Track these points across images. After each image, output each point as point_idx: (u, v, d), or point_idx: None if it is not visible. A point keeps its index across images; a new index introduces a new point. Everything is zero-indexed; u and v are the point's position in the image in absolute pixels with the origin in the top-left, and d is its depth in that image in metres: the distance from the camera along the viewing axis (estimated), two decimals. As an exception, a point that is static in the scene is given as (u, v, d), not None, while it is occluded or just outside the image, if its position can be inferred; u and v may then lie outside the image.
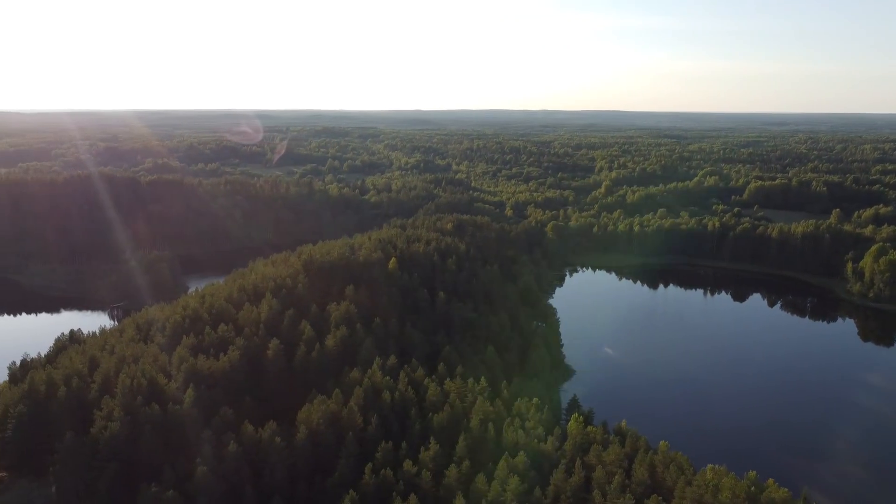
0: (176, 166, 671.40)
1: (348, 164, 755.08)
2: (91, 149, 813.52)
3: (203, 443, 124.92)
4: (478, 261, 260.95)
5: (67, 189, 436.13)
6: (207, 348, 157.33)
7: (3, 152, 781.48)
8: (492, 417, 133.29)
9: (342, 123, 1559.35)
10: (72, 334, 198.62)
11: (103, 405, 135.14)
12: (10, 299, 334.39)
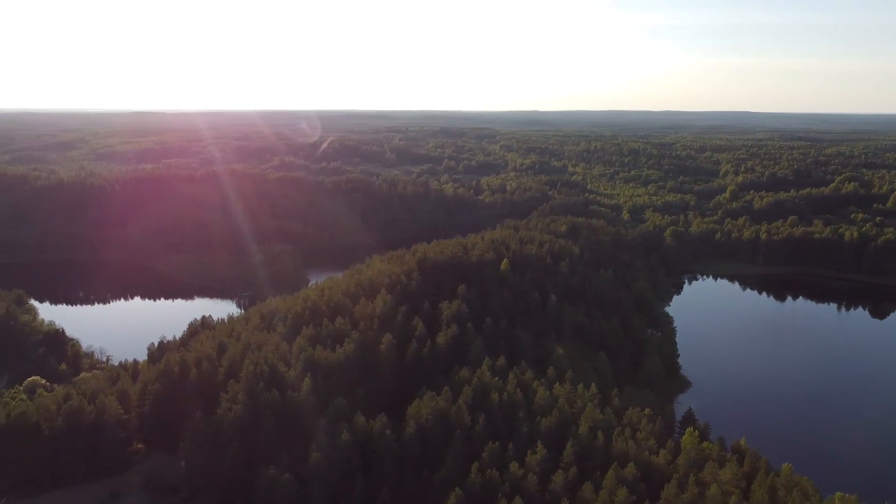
0: (301, 164, 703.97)
1: (464, 165, 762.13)
2: (224, 147, 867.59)
3: (318, 431, 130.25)
4: (591, 264, 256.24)
5: (203, 184, 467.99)
6: (325, 339, 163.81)
7: (149, 150, 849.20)
8: (601, 425, 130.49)
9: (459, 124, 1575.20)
10: (203, 320, 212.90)
11: (229, 388, 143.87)
12: (151, 286, 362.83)
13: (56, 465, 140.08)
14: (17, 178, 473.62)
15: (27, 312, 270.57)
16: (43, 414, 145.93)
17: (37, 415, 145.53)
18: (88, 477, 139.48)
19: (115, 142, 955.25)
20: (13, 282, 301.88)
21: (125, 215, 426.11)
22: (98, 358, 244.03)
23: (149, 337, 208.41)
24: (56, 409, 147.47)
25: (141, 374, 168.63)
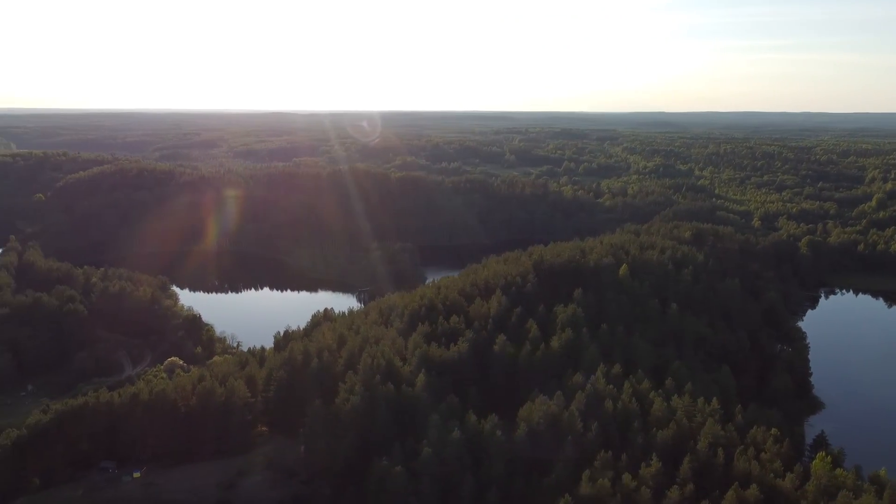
0: (422, 164, 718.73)
1: (584, 167, 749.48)
2: (349, 146, 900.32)
3: (430, 426, 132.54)
4: (716, 273, 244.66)
5: (329, 182, 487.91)
6: (440, 337, 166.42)
7: (281, 148, 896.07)
8: (722, 442, 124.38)
9: (580, 125, 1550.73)
10: (325, 312, 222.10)
11: (347, 379, 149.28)
12: (279, 277, 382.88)
13: (189, 441, 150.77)
14: (165, 173, 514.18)
15: (169, 298, 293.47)
16: (180, 393, 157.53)
17: (174, 393, 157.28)
18: (217, 454, 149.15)
19: (251, 140, 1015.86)
20: (158, 269, 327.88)
21: (257, 210, 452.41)
22: (229, 343, 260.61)
23: (275, 325, 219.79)
24: (191, 389, 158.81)
25: (267, 361, 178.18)
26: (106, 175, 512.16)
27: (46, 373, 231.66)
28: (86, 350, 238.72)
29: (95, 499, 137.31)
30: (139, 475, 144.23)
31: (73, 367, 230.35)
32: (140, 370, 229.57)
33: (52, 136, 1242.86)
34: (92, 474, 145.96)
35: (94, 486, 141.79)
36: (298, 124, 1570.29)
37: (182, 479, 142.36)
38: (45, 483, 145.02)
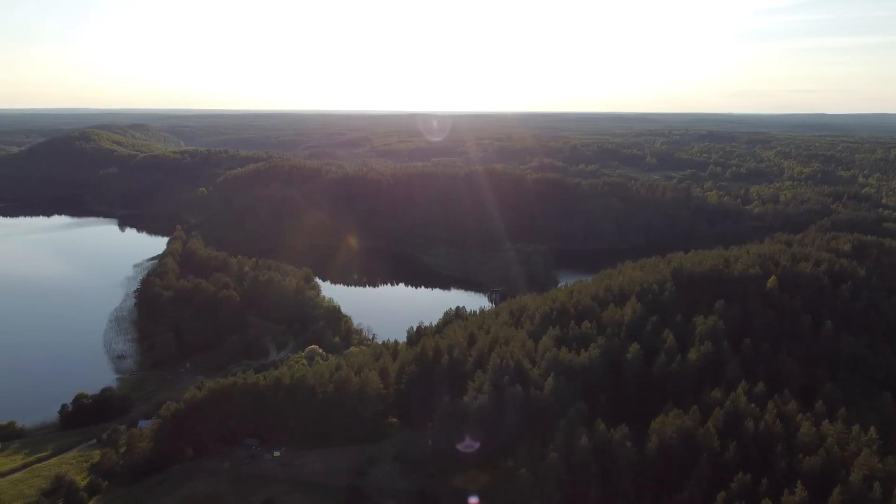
0: (559, 166, 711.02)
1: (731, 171, 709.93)
2: (486, 148, 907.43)
3: (557, 431, 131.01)
4: (881, 291, 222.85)
5: (465, 183, 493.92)
6: (570, 341, 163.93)
7: (420, 148, 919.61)
8: (879, 475, 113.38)
9: (728, 127, 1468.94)
10: (457, 311, 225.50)
11: (476, 378, 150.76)
12: (414, 274, 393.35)
13: (325, 426, 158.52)
14: (312, 170, 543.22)
15: (313, 289, 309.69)
16: (318, 379, 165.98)
17: (313, 379, 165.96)
18: (350, 441, 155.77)
19: (392, 140, 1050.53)
20: (303, 261, 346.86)
21: (396, 207, 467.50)
22: (365, 335, 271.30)
23: (408, 320, 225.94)
24: (329, 376, 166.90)
25: (400, 355, 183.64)
26: (260, 172, 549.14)
27: (202, 352, 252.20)
28: (237, 334, 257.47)
29: (239, 472, 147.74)
30: (279, 454, 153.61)
31: (225, 349, 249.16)
32: (283, 355, 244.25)
33: (214, 134, 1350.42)
34: (237, 450, 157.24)
35: (239, 461, 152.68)
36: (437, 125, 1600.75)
37: (317, 461, 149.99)
38: (197, 454, 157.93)
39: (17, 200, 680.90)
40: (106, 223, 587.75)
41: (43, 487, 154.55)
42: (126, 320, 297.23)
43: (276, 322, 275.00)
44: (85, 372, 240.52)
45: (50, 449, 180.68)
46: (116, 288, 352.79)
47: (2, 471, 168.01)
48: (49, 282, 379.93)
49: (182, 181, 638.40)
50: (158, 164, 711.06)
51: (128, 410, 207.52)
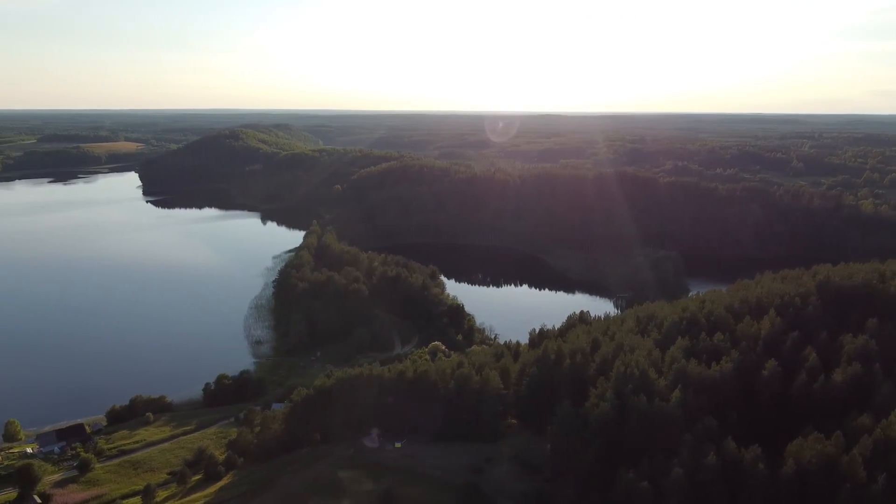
0: (694, 169, 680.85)
1: (890, 178, 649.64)
2: (618, 150, 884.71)
3: (683, 446, 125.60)
4: None
5: (594, 185, 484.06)
6: (700, 353, 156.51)
7: (548, 150, 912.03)
8: None
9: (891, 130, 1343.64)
10: (581, 315, 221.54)
11: (598, 385, 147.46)
12: (537, 276, 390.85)
13: (445, 423, 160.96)
14: (442, 170, 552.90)
15: (437, 286, 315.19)
16: (440, 376, 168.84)
17: (435, 375, 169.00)
18: (468, 438, 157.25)
19: (521, 141, 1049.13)
20: (430, 259, 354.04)
21: (522, 209, 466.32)
22: (487, 334, 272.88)
23: (531, 322, 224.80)
24: (450, 373, 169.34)
25: (521, 356, 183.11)
26: (392, 170, 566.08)
27: (332, 342, 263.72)
28: (365, 326, 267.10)
29: (362, 460, 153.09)
30: (400, 446, 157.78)
31: (353, 340, 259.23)
32: (407, 350, 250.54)
33: (350, 134, 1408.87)
34: (361, 438, 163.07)
35: (362, 449, 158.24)
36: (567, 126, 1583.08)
37: (436, 455, 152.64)
38: (324, 439, 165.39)
39: (173, 193, 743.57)
40: (249, 216, 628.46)
41: (186, 458, 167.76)
42: (265, 308, 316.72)
43: (402, 317, 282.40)
44: (226, 354, 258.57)
45: (194, 423, 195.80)
46: (257, 277, 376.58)
47: (152, 440, 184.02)
48: (198, 269, 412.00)
49: (319, 178, 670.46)
50: (298, 162, 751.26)
51: (263, 393, 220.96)
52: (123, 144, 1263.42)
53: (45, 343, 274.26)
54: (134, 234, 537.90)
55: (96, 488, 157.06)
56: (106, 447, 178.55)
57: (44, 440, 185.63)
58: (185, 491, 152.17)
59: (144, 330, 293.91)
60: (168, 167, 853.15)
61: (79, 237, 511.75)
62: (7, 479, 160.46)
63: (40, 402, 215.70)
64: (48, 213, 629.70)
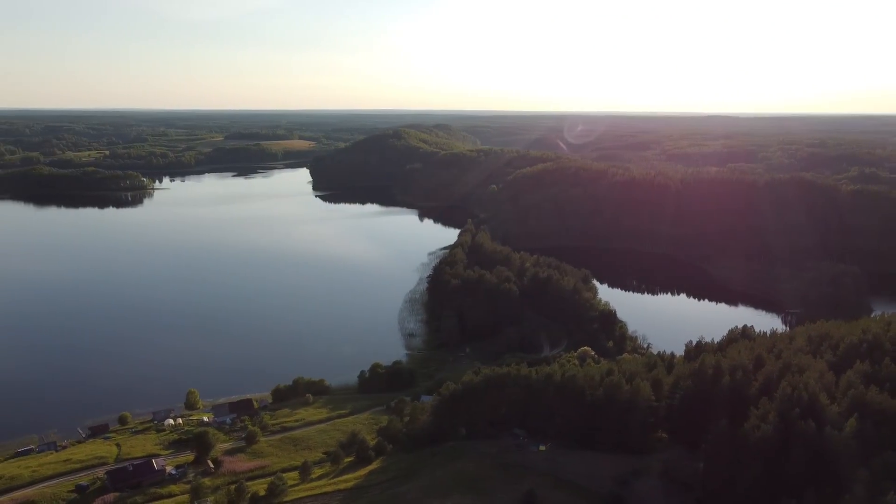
0: (884, 177, 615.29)
1: None
2: (794, 154, 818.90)
3: (857, 482, 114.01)
4: None
5: (765, 191, 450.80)
6: (883, 381, 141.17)
7: (716, 153, 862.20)
8: None
9: None
10: (744, 329, 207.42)
11: (760, 405, 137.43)
12: (698, 285, 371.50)
13: (591, 429, 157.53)
14: (599, 172, 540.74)
15: (589, 290, 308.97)
16: (588, 381, 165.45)
17: (583, 381, 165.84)
18: (615, 448, 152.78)
19: (685, 144, 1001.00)
20: (582, 262, 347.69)
21: (683, 215, 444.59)
22: (640, 343, 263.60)
23: (687, 333, 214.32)
24: (599, 380, 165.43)
25: (675, 368, 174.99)
26: (548, 172, 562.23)
27: (481, 339, 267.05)
28: (514, 326, 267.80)
29: (505, 459, 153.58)
30: (544, 449, 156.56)
31: (502, 339, 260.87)
32: (555, 353, 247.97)
33: (508, 135, 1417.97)
34: (505, 437, 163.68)
35: (506, 448, 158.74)
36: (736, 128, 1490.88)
37: (580, 462, 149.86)
38: (469, 434, 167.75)
39: (339, 188, 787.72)
40: (408, 213, 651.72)
41: (340, 440, 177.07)
42: (418, 302, 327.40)
43: (551, 319, 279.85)
44: (380, 344, 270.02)
45: (348, 408, 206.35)
46: (412, 272, 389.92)
47: (311, 420, 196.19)
48: (358, 261, 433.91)
49: (476, 178, 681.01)
50: (456, 162, 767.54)
51: (413, 384, 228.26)
52: (297, 143, 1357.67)
53: (222, 324, 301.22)
54: (302, 226, 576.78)
55: (260, 459, 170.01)
56: (270, 422, 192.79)
57: (218, 411, 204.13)
58: (337, 471, 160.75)
59: (307, 316, 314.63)
60: (336, 164, 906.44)
61: (254, 227, 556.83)
62: (186, 444, 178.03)
63: (216, 377, 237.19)
64: (230, 205, 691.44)
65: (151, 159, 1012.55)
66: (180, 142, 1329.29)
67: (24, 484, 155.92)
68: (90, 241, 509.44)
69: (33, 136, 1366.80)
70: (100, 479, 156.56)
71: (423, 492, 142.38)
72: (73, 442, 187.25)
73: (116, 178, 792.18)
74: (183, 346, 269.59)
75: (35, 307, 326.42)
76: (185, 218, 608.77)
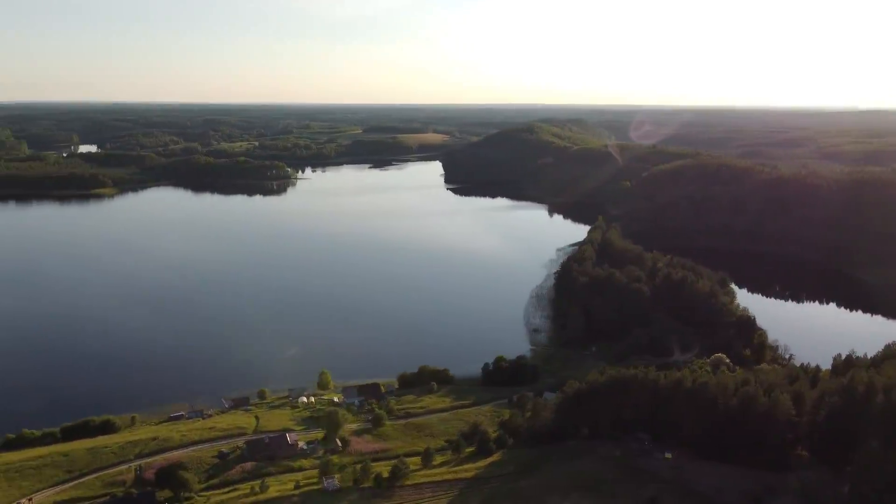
0: None
1: None
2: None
3: None
4: None
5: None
6: None
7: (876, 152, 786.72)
8: None
9: None
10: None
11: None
12: (850, 295, 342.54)
13: (722, 441, 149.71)
14: (742, 170, 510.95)
15: (726, 295, 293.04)
16: (721, 390, 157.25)
17: (716, 389, 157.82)
18: (748, 462, 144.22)
19: (842, 141, 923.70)
20: (720, 264, 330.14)
21: (837, 218, 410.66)
22: (780, 353, 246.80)
23: (835, 346, 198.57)
24: (733, 389, 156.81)
25: (820, 383, 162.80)
26: (687, 168, 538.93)
27: (607, 339, 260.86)
28: (642, 327, 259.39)
29: (628, 463, 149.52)
30: (670, 456, 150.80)
31: (629, 340, 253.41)
32: (686, 358, 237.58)
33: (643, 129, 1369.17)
34: (629, 440, 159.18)
35: (629, 452, 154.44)
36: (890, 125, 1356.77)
37: (709, 474, 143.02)
38: (591, 434, 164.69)
39: (470, 182, 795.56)
40: (537, 208, 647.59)
41: (462, 430, 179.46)
42: (544, 298, 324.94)
43: (683, 322, 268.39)
44: (504, 338, 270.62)
45: (471, 399, 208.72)
46: (540, 267, 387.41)
47: (434, 408, 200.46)
48: (485, 254, 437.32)
49: (609, 174, 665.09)
50: (589, 157, 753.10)
51: (536, 380, 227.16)
52: (431, 136, 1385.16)
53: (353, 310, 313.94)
54: (432, 218, 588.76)
55: (384, 442, 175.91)
56: (395, 407, 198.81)
57: (347, 393, 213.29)
58: (458, 460, 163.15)
59: (434, 306, 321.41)
60: (468, 158, 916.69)
61: (386, 218, 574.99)
62: (317, 421, 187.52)
63: (347, 361, 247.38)
64: (365, 195, 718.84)
65: (295, 150, 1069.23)
66: (322, 134, 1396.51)
67: (175, 446, 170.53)
68: (239, 227, 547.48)
69: (194, 128, 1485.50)
70: (239, 448, 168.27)
71: (542, 489, 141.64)
72: (218, 411, 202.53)
73: (264, 167, 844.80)
74: (317, 329, 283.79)
75: (189, 286, 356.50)
76: (324, 207, 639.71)
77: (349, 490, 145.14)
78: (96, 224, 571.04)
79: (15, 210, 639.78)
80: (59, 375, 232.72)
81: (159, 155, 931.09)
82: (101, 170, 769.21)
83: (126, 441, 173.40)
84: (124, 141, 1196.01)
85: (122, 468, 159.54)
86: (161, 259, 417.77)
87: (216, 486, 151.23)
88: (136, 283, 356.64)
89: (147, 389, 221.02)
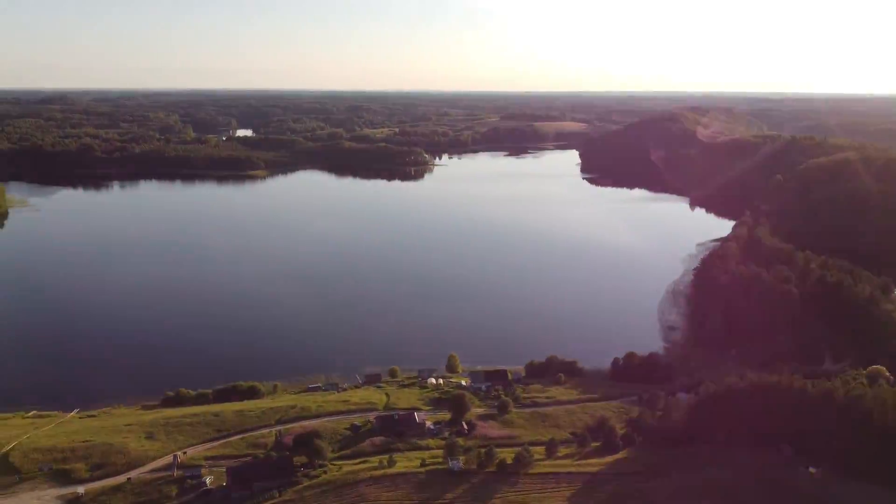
0: None
1: None
2: None
3: None
4: None
5: None
6: None
7: None
8: None
9: None
10: None
11: None
12: None
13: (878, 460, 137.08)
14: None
15: (890, 302, 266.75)
16: (878, 405, 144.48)
17: (872, 403, 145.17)
18: None
19: None
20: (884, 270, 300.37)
21: None
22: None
23: None
24: (893, 404, 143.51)
25: None
26: (848, 163, 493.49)
27: (749, 342, 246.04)
28: (789, 332, 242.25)
29: (768, 475, 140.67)
30: (814, 472, 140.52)
31: (774, 346, 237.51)
32: (839, 368, 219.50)
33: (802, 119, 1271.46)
34: (768, 452, 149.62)
35: (770, 464, 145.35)
36: None
37: (861, 494, 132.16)
38: (728, 441, 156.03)
39: (608, 172, 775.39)
40: (678, 201, 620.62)
41: (588, 423, 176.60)
42: (681, 295, 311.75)
43: (837, 330, 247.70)
44: (636, 333, 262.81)
45: (599, 393, 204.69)
46: (677, 263, 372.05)
47: (560, 399, 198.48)
48: (619, 246, 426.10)
49: (758, 166, 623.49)
50: (736, 148, 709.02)
51: (669, 379, 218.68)
52: (569, 124, 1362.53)
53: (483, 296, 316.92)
54: (566, 207, 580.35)
55: (509, 429, 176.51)
56: (522, 395, 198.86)
57: (474, 377, 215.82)
58: (582, 454, 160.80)
59: (564, 296, 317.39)
60: (606, 147, 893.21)
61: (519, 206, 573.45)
62: (444, 403, 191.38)
63: (475, 345, 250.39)
64: (499, 182, 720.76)
65: (434, 137, 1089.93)
66: (460, 121, 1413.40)
67: (312, 415, 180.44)
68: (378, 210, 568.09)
69: (339, 114, 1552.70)
70: (370, 423, 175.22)
71: (671, 493, 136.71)
72: (352, 386, 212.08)
73: (403, 153, 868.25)
74: (448, 313, 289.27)
75: (333, 264, 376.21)
76: (457, 193, 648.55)
77: (473, 473, 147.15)
78: (252, 202, 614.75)
79: (181, 188, 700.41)
80: (214, 341, 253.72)
81: (307, 140, 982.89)
82: (255, 153, 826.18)
83: (268, 407, 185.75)
84: (276, 126, 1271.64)
85: (263, 431, 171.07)
86: (310, 238, 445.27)
87: (347, 457, 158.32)
88: (288, 260, 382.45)
89: (290, 359, 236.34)
